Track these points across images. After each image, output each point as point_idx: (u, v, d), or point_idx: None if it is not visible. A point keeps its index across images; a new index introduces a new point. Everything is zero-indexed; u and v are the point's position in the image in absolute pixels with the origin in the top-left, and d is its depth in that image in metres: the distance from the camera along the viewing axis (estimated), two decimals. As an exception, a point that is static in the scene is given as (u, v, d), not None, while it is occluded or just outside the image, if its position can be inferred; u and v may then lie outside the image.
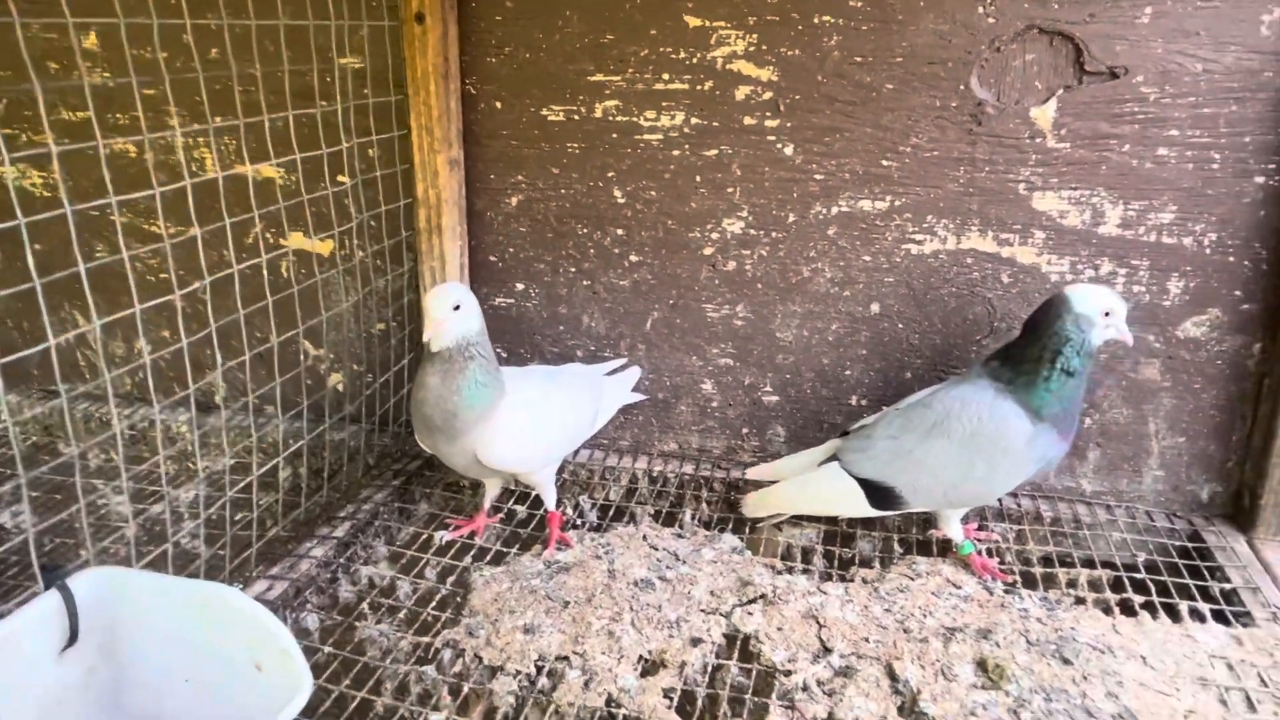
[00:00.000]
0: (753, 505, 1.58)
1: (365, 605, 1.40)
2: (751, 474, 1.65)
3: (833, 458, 1.50)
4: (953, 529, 1.46)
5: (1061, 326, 1.34)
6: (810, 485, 1.50)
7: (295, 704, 0.94)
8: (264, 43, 1.50)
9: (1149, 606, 1.35)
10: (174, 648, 1.04)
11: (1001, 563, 1.48)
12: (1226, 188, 1.47)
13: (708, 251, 1.70)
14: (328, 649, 1.28)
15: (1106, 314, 1.34)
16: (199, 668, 1.04)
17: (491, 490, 1.60)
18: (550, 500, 1.55)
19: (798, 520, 1.60)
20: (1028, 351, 1.36)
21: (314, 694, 1.17)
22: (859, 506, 1.45)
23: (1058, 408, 1.35)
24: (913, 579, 1.41)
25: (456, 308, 1.37)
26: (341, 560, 1.50)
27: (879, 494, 1.43)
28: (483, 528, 1.57)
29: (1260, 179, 1.45)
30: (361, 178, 1.68)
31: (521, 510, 1.65)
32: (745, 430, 1.79)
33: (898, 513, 1.48)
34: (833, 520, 1.61)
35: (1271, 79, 1.41)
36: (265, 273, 1.47)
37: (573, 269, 1.77)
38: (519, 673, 1.23)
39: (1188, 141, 1.46)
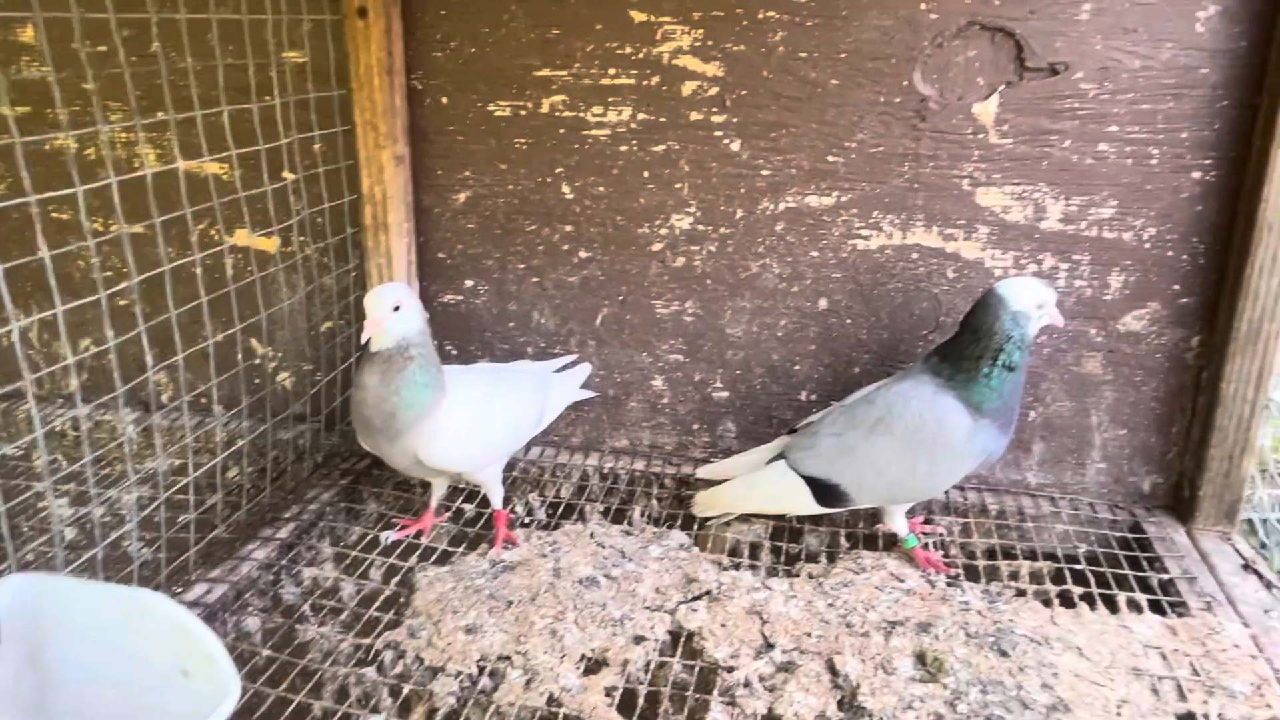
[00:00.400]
0: (702, 504, 1.57)
1: (307, 607, 1.38)
2: (701, 473, 1.65)
3: (780, 456, 1.50)
4: (897, 524, 1.46)
5: (1000, 325, 1.35)
6: (758, 484, 1.50)
7: (222, 710, 0.93)
8: (205, 37, 1.48)
9: (1088, 598, 1.37)
10: (100, 654, 1.02)
11: (946, 556, 1.50)
12: (1165, 183, 1.49)
13: (656, 248, 1.70)
14: (267, 652, 1.27)
15: (1040, 306, 1.36)
16: (125, 674, 1.02)
17: (438, 489, 1.59)
18: (496, 499, 1.54)
19: (747, 517, 1.60)
20: (967, 349, 1.37)
21: (251, 697, 1.17)
22: (805, 504, 1.45)
23: (998, 402, 1.36)
24: (858, 573, 1.42)
25: (396, 308, 1.35)
26: (284, 562, 1.48)
27: (825, 491, 1.44)
28: (429, 527, 1.56)
29: (1197, 174, 1.47)
30: (306, 174, 1.65)
31: (470, 509, 1.64)
32: (696, 426, 1.79)
33: (844, 509, 1.48)
34: (782, 516, 1.61)
35: (1207, 75, 1.43)
36: (211, 270, 1.45)
37: (522, 265, 1.76)
38: (460, 673, 1.22)
39: (1127, 137, 1.48)
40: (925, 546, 1.48)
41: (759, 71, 1.57)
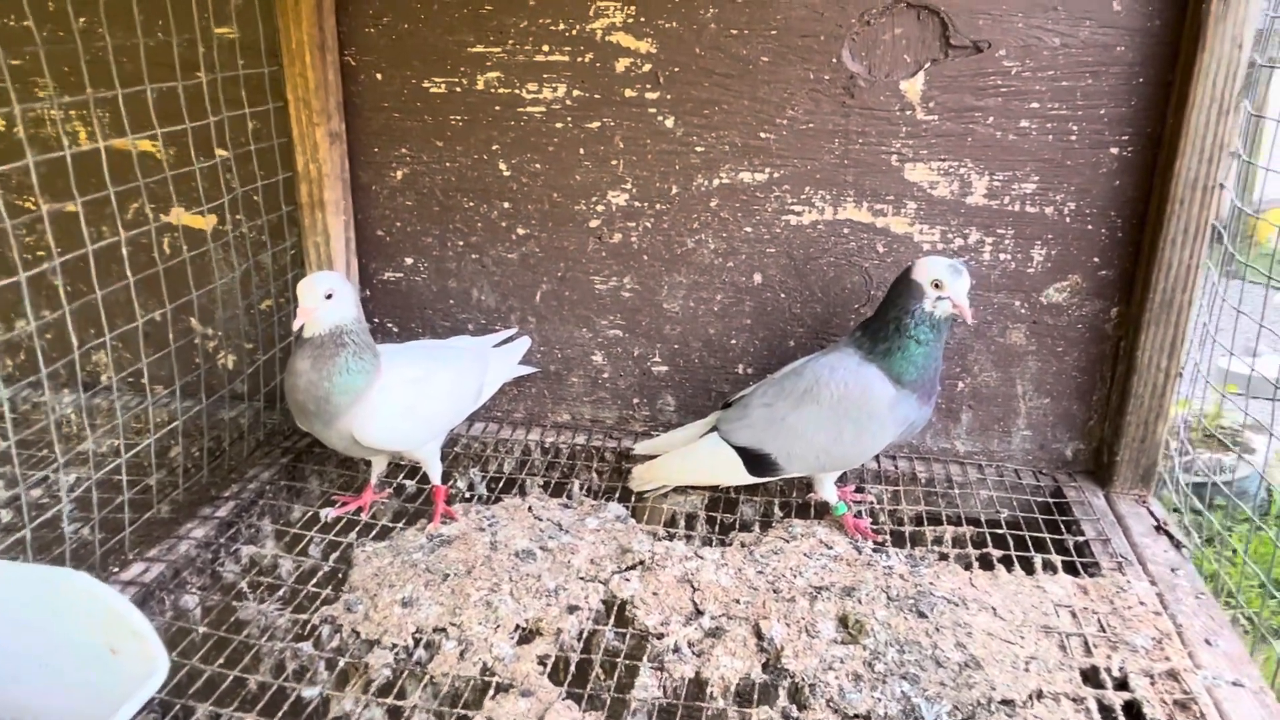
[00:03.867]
0: (639, 479, 1.61)
1: (245, 584, 1.39)
2: (638, 449, 1.68)
3: (714, 429, 1.53)
4: (827, 491, 1.51)
5: (898, 294, 1.40)
6: (692, 456, 1.54)
7: (149, 685, 0.94)
8: (135, 11, 1.46)
9: (1006, 560, 1.42)
10: (25, 633, 1.03)
11: (875, 523, 1.54)
12: (1084, 159, 1.53)
13: (594, 224, 1.71)
14: (203, 629, 1.28)
15: (935, 284, 1.37)
16: (52, 653, 1.03)
17: (378, 466, 1.60)
18: (435, 475, 1.56)
19: (684, 489, 1.64)
20: (880, 322, 1.42)
21: (187, 673, 1.18)
22: (738, 474, 1.49)
23: (915, 375, 1.40)
24: (788, 541, 1.46)
25: (329, 296, 1.36)
26: (224, 540, 1.49)
27: (756, 461, 1.47)
28: (369, 504, 1.58)
29: (1115, 150, 1.51)
30: (240, 151, 1.64)
31: (410, 485, 1.65)
32: (636, 400, 1.81)
33: (775, 479, 1.52)
34: (717, 488, 1.65)
35: (1124, 54, 1.47)
36: (146, 249, 1.44)
37: (461, 243, 1.77)
38: (396, 645, 1.24)
39: (1048, 114, 1.52)
40: (857, 515, 1.53)
41: (691, 48, 1.58)
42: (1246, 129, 1.47)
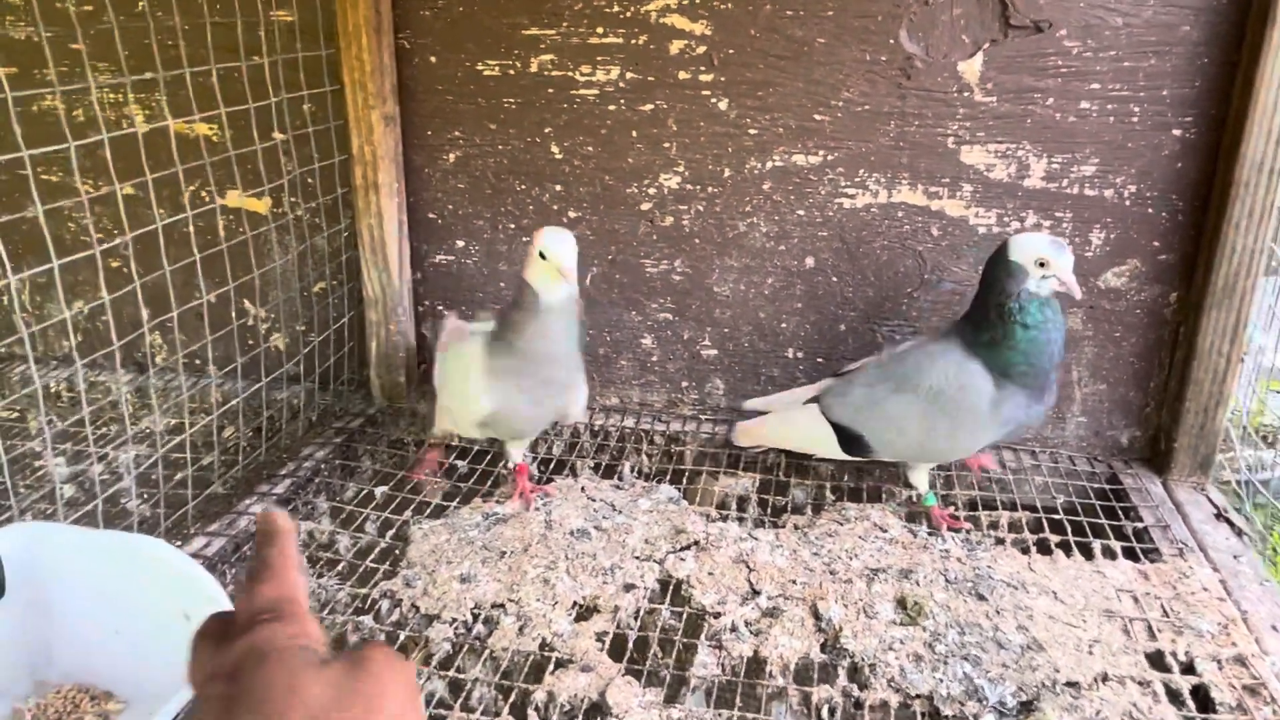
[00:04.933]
0: (740, 434, 1.62)
1: (304, 559, 1.41)
2: (747, 405, 1.68)
3: (817, 398, 1.52)
4: (918, 478, 1.50)
5: (998, 278, 1.33)
6: (791, 423, 1.55)
7: (224, 651, 0.95)
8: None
9: (1064, 546, 1.41)
10: (102, 600, 1.05)
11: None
12: (1145, 140, 1.51)
13: (645, 207, 1.71)
14: (265, 602, 1.30)
15: (1040, 264, 1.30)
16: (128, 619, 1.05)
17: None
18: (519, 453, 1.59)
19: (735, 471, 1.64)
20: (980, 307, 1.37)
21: (251, 645, 1.20)
22: (831, 449, 1.49)
23: (1023, 366, 1.33)
24: (842, 524, 1.45)
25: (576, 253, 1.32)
26: (281, 516, 1.50)
27: (850, 440, 1.47)
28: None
29: (1177, 132, 1.49)
30: (296, 134, 1.66)
31: (462, 465, 1.67)
32: (685, 384, 1.82)
33: (867, 460, 1.51)
34: (768, 469, 1.65)
35: (1188, 33, 1.44)
36: (203, 231, 1.46)
37: (512, 225, 1.78)
38: (455, 620, 1.25)
39: (1108, 95, 1.49)
40: (940, 505, 1.50)
41: (746, 30, 1.57)
42: None
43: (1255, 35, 1.38)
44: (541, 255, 1.30)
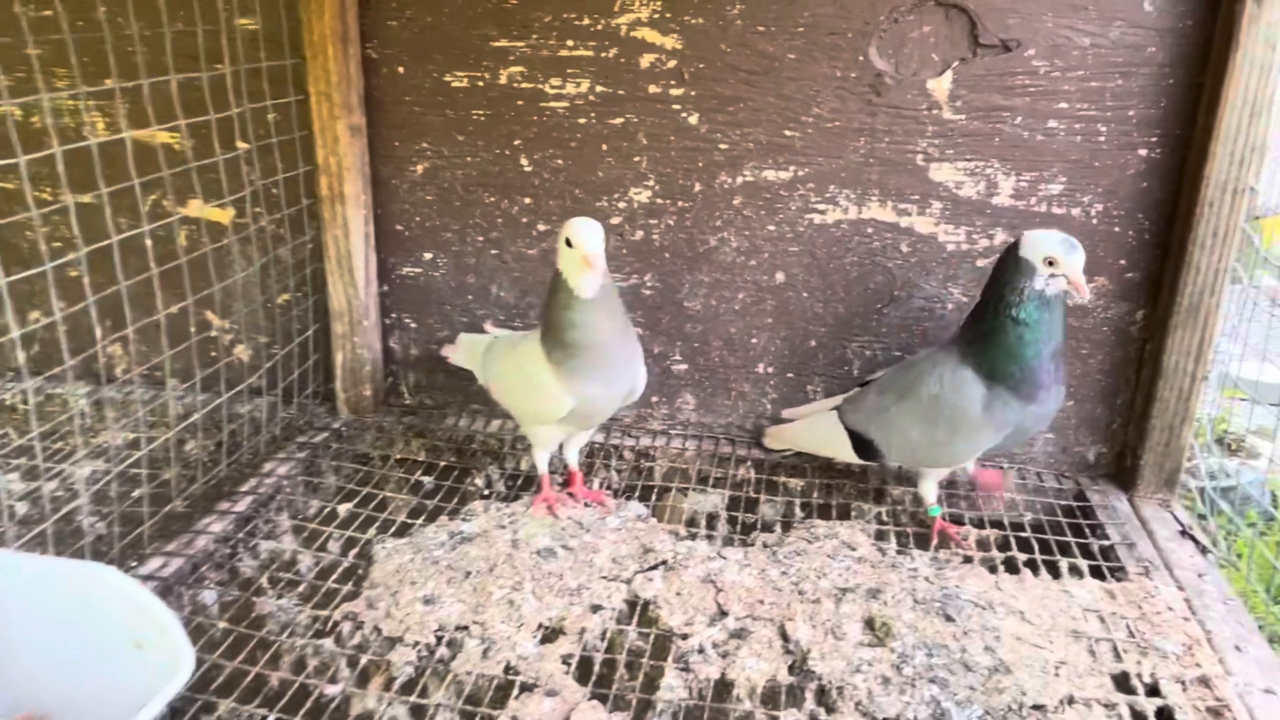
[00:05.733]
0: (771, 437, 1.70)
1: (264, 580, 1.38)
2: (785, 413, 1.72)
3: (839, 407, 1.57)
4: (925, 488, 1.50)
5: (1005, 273, 1.33)
6: (814, 428, 1.60)
7: (176, 681, 0.93)
8: (155, 1, 1.45)
9: (1032, 564, 1.41)
10: (53, 628, 1.02)
11: (897, 523, 1.53)
12: (1112, 160, 1.52)
13: (615, 221, 1.70)
14: (223, 625, 1.27)
15: (1049, 261, 1.28)
16: (79, 647, 1.02)
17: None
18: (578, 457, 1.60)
19: (703, 487, 1.63)
20: (980, 305, 1.38)
21: (208, 669, 1.17)
22: (847, 454, 1.53)
23: (1012, 368, 1.33)
24: (811, 542, 1.45)
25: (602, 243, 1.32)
26: (241, 535, 1.47)
27: (863, 445, 1.50)
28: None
29: (1143, 151, 1.50)
30: (260, 144, 1.63)
31: (428, 482, 1.64)
32: (655, 399, 1.80)
33: (880, 465, 1.55)
34: (738, 485, 1.64)
35: (1154, 54, 1.45)
36: (164, 242, 1.43)
37: (481, 238, 1.76)
38: (418, 643, 1.23)
39: (1076, 114, 1.50)
40: (945, 518, 1.50)
41: (717, 44, 1.57)
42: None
43: (1220, 58, 1.39)
44: (568, 243, 1.30)
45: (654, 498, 1.60)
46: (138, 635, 0.96)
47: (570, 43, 1.60)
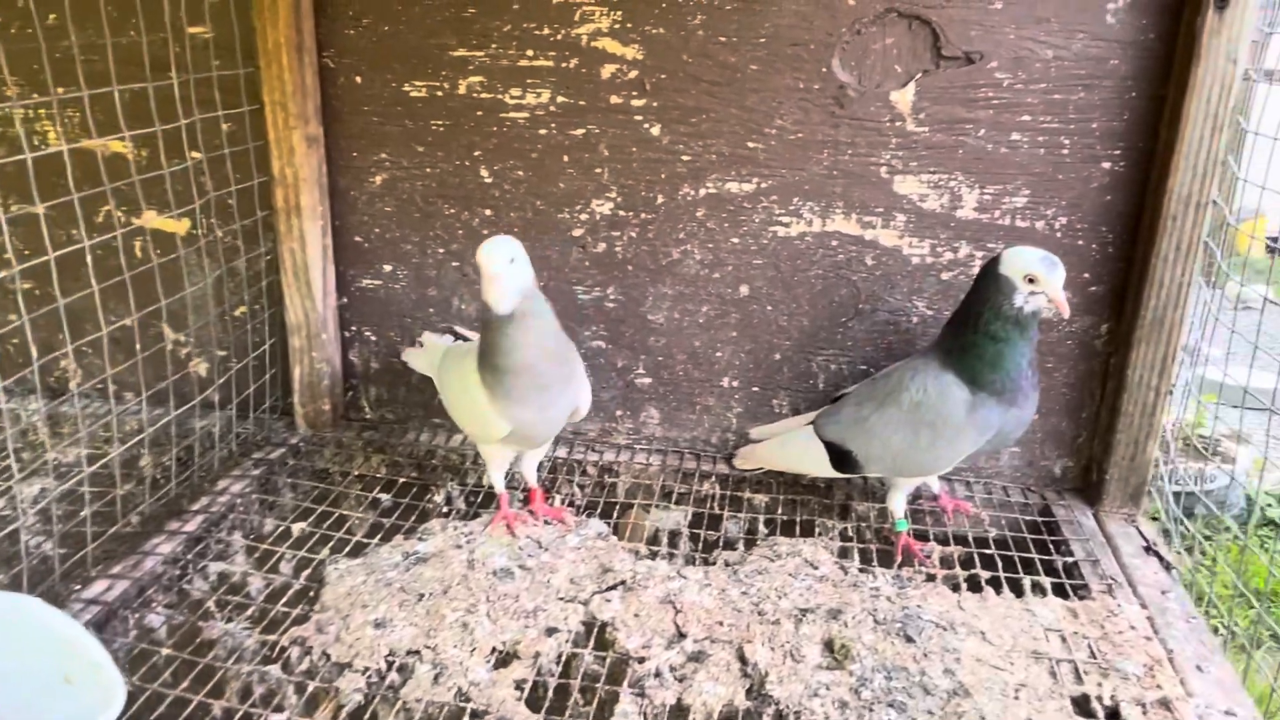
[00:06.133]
0: (742, 458, 1.67)
1: (213, 603, 1.34)
2: (753, 433, 1.70)
3: (813, 422, 1.55)
4: (895, 501, 1.50)
5: (984, 289, 1.35)
6: (788, 444, 1.57)
7: (105, 717, 0.90)
8: (107, 8, 1.41)
9: (995, 582, 1.39)
10: (-22, 662, 0.99)
11: (861, 540, 1.51)
12: (1076, 173, 1.50)
13: (577, 233, 1.68)
14: (168, 651, 1.23)
15: (1029, 279, 1.30)
16: (7, 682, 0.98)
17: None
18: (534, 474, 1.57)
19: (666, 503, 1.61)
20: (959, 317, 1.40)
21: (148, 699, 1.14)
22: (824, 467, 1.51)
23: (994, 375, 1.35)
24: (773, 560, 1.43)
25: (511, 260, 1.29)
26: (191, 556, 1.44)
27: (840, 457, 1.48)
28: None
29: (1107, 164, 1.49)
30: (215, 154, 1.60)
31: (385, 499, 1.61)
32: (619, 413, 1.78)
33: (858, 476, 1.54)
34: (701, 501, 1.62)
35: (1117, 66, 1.44)
36: (117, 253, 1.40)
37: (441, 250, 1.73)
38: (368, 669, 1.20)
39: (1039, 127, 1.49)
40: (910, 534, 1.49)
41: (679, 55, 1.55)
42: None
43: (1181, 71, 1.39)
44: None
45: (616, 515, 1.57)
46: (67, 669, 0.93)
47: (530, 53, 1.58)
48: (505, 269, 1.27)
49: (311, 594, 1.35)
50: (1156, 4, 1.40)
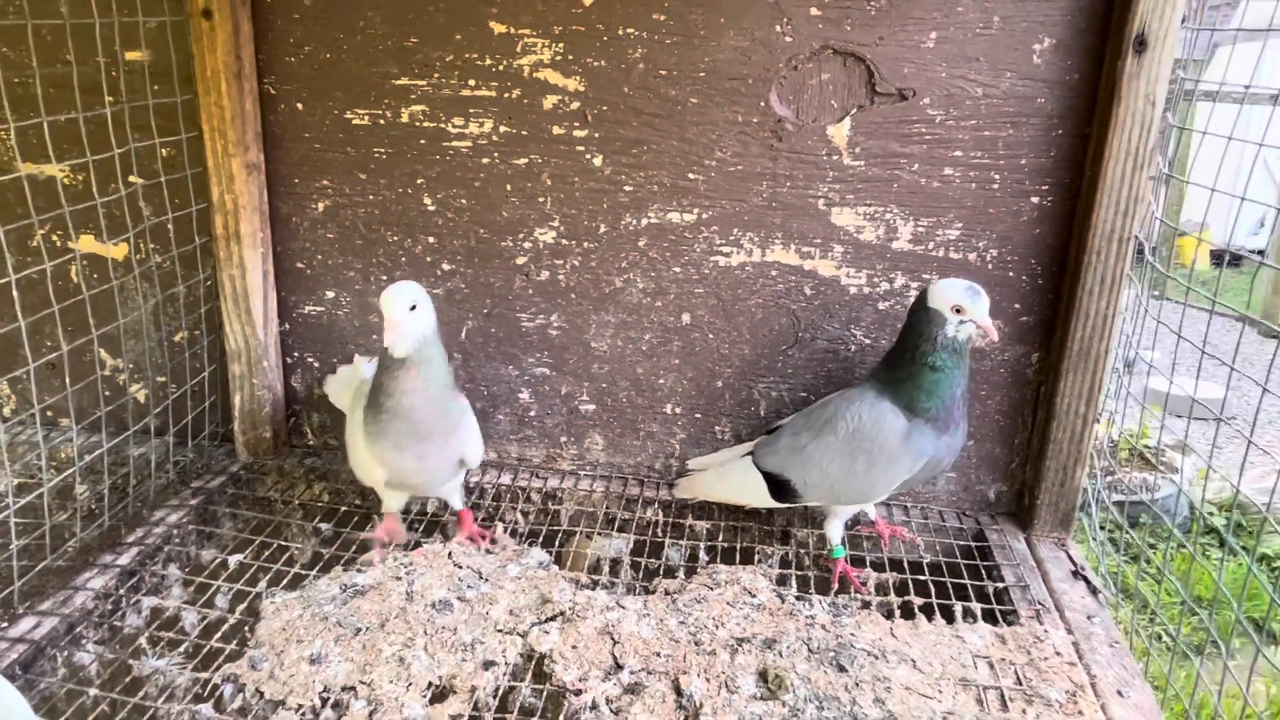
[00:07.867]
0: (682, 488, 1.68)
1: (145, 640, 1.33)
2: (691, 464, 1.71)
3: (751, 452, 1.57)
4: (833, 528, 1.53)
5: (917, 323, 1.41)
6: (726, 475, 1.59)
7: (23, 767, 0.88)
8: (41, 33, 1.39)
9: (928, 608, 1.42)
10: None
11: (799, 567, 1.53)
12: (1006, 207, 1.55)
13: (520, 261, 1.68)
14: (95, 691, 1.21)
15: (956, 309, 1.38)
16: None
17: (401, 502, 1.56)
18: (460, 499, 1.58)
19: (608, 531, 1.62)
20: (897, 350, 1.44)
21: (74, 742, 1.12)
22: (762, 497, 1.53)
23: (930, 404, 1.41)
24: (712, 589, 1.44)
25: (413, 307, 1.32)
26: (124, 590, 1.42)
27: (779, 486, 1.51)
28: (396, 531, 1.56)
29: (1035, 199, 1.54)
30: (152, 180, 1.58)
31: (326, 528, 1.60)
32: (564, 439, 1.79)
33: (797, 505, 1.55)
34: (644, 529, 1.63)
35: (1043, 105, 1.49)
36: (53, 278, 1.37)
37: (384, 277, 1.72)
38: (301, 706, 1.19)
39: (970, 162, 1.53)
40: (847, 560, 1.53)
41: (620, 87, 1.56)
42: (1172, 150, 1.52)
43: (1104, 111, 1.43)
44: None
45: (558, 543, 1.58)
46: (-16, 718, 0.91)
47: (472, 82, 1.59)
48: (405, 316, 1.32)
49: (247, 629, 1.34)
50: (1080, 46, 1.45)
